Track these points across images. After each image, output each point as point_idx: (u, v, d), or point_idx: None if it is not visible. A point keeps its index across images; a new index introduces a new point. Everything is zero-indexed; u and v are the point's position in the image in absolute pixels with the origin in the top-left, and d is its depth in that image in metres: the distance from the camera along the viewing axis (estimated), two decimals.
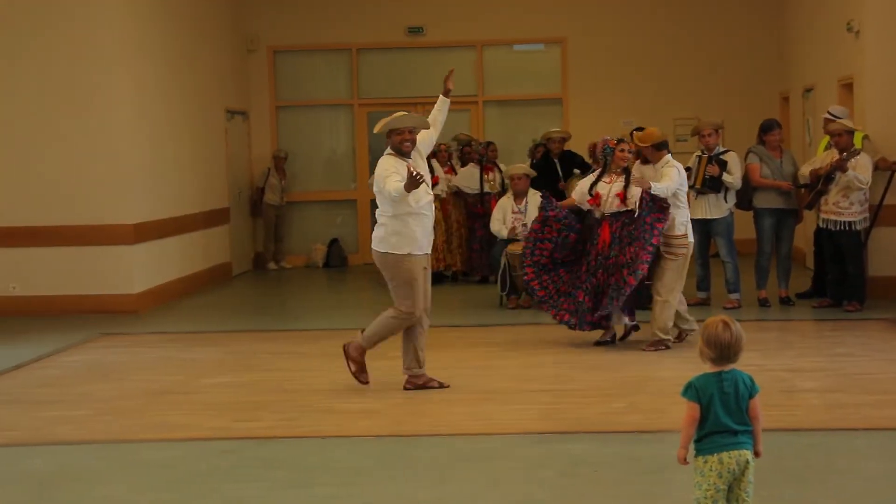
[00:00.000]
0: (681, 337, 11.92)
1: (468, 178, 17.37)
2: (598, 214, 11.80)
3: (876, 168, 13.81)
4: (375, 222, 10.28)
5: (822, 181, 13.70)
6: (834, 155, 13.68)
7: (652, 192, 11.34)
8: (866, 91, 14.91)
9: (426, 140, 10.41)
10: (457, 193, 17.43)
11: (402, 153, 10.02)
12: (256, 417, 9.42)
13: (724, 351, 5.64)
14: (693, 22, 20.31)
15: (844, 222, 13.68)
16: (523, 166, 15.53)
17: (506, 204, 15.16)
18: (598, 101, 20.27)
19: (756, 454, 5.71)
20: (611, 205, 11.71)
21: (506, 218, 15.02)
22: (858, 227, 13.74)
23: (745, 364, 5.83)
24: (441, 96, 10.53)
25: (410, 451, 8.39)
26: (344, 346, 10.32)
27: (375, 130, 10.19)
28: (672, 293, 11.50)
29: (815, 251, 14.80)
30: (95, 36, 15.08)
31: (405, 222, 10.01)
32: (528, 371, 11.03)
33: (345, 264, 20.69)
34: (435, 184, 17.05)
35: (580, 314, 11.77)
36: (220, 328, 14.24)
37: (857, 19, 15.12)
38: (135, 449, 8.72)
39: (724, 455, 5.63)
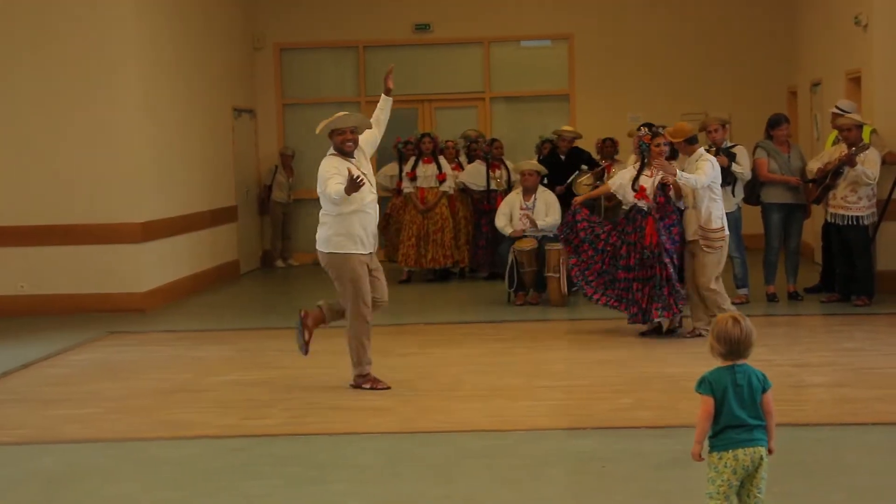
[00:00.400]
0: (694, 332, 11.96)
1: (474, 174, 17.38)
2: (645, 207, 11.99)
3: (884, 162, 13.81)
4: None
5: (831, 176, 13.70)
6: (842, 149, 13.68)
7: (679, 182, 11.56)
8: (874, 85, 14.90)
9: (370, 140, 10.42)
10: (464, 190, 17.45)
11: (345, 153, 10.06)
12: (266, 415, 9.44)
13: (734, 346, 5.66)
14: (700, 17, 20.29)
15: (852, 217, 13.69)
16: (534, 163, 15.52)
17: (514, 200, 15.15)
18: (605, 98, 20.26)
19: (769, 451, 5.72)
20: (655, 198, 11.98)
21: (513, 213, 15.02)
22: (866, 222, 13.74)
23: (754, 359, 5.84)
24: (383, 95, 10.62)
25: (419, 448, 8.41)
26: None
27: (317, 131, 10.23)
28: (716, 283, 11.65)
29: (823, 246, 14.79)
30: (104, 35, 15.10)
31: (350, 222, 10.05)
32: (537, 367, 11.04)
33: None
34: (442, 181, 17.17)
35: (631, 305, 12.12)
36: (228, 326, 14.26)
37: (865, 13, 15.11)
38: (144, 447, 8.74)
39: (740, 452, 5.65)
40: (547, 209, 14.87)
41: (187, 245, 16.90)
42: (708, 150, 13.52)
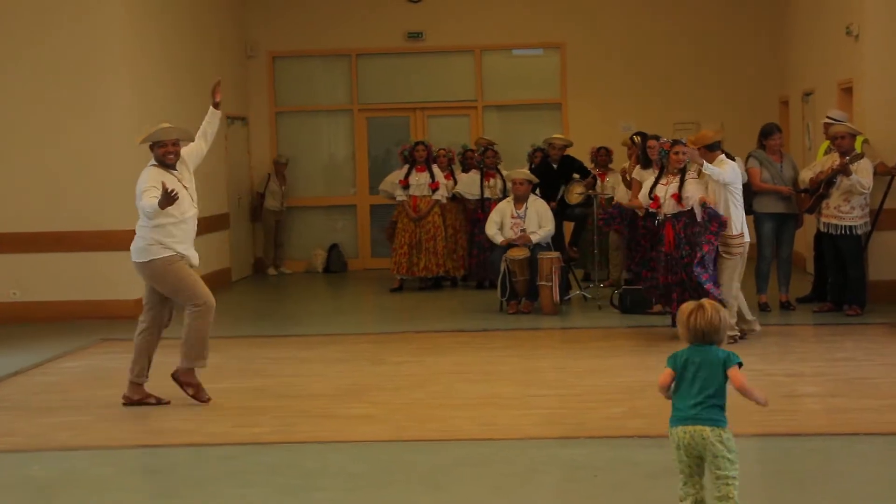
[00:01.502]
0: (743, 335, 12.02)
1: (469, 184, 17.37)
2: (660, 217, 12.13)
3: (875, 172, 13.83)
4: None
5: (824, 185, 13.70)
6: (834, 159, 13.68)
7: (705, 171, 11.67)
8: (866, 95, 14.91)
9: (195, 152, 10.39)
10: (456, 199, 17.44)
11: (167, 165, 9.98)
12: (257, 423, 9.41)
13: (695, 332, 5.88)
14: (692, 26, 20.32)
15: (845, 226, 13.69)
16: (525, 172, 15.53)
17: (505, 208, 15.14)
18: (597, 106, 20.29)
19: (760, 403, 6.02)
20: (669, 206, 12.09)
21: (504, 222, 15.01)
22: (859, 232, 13.74)
23: (746, 369, 5.88)
24: (211, 108, 10.57)
25: (410, 456, 8.39)
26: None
27: (138, 142, 10.13)
28: (730, 290, 11.59)
29: (816, 255, 14.81)
30: (95, 42, 15.09)
31: (167, 231, 9.90)
32: (529, 376, 11.04)
33: (345, 269, 20.69)
34: (435, 189, 17.17)
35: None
36: (219, 334, 14.13)
37: (857, 22, 15.13)
38: (136, 455, 8.75)
39: (679, 430, 5.90)
40: (539, 218, 14.88)
41: None
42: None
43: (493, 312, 15.00)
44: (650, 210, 12.29)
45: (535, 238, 14.73)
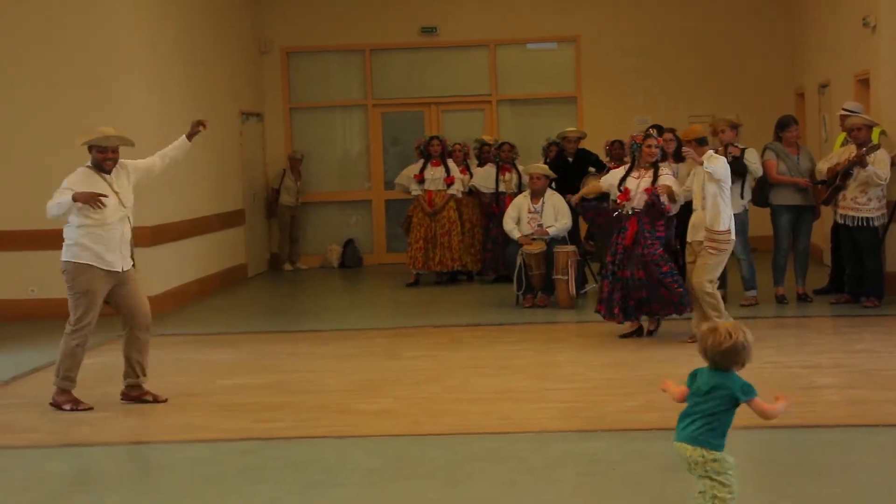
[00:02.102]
0: (693, 338, 11.95)
1: (485, 177, 17.40)
2: (626, 210, 12.01)
3: (893, 164, 13.81)
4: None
5: (841, 177, 13.70)
6: (851, 151, 13.68)
7: (706, 169, 11.45)
8: (883, 86, 14.90)
9: (144, 167, 10.31)
10: (472, 193, 17.46)
11: (103, 170, 9.95)
12: (275, 418, 9.43)
13: (709, 358, 5.89)
14: (706, 19, 20.31)
15: (862, 218, 13.69)
16: (543, 167, 15.50)
17: (522, 203, 15.14)
18: (612, 100, 20.29)
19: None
20: (639, 200, 11.99)
21: (521, 217, 15.02)
22: (876, 223, 13.73)
23: (764, 361, 5.93)
24: (183, 138, 10.49)
25: (427, 451, 8.40)
26: (51, 404, 9.97)
27: (79, 143, 10.03)
28: (712, 286, 11.53)
29: (833, 247, 14.81)
30: (110, 40, 15.13)
31: (91, 234, 9.83)
32: (545, 370, 11.05)
33: (360, 264, 20.72)
34: (450, 184, 17.18)
35: (607, 305, 12.12)
36: (236, 329, 14.28)
37: (874, 14, 15.10)
38: (155, 450, 8.81)
39: (677, 445, 6.02)
40: (556, 213, 14.88)
41: (195, 249, 16.93)
42: (717, 150, 13.56)
43: (509, 306, 15.01)
44: (617, 202, 12.23)
45: (551, 231, 14.74)
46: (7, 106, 15.24)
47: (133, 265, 10.12)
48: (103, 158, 9.94)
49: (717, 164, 11.50)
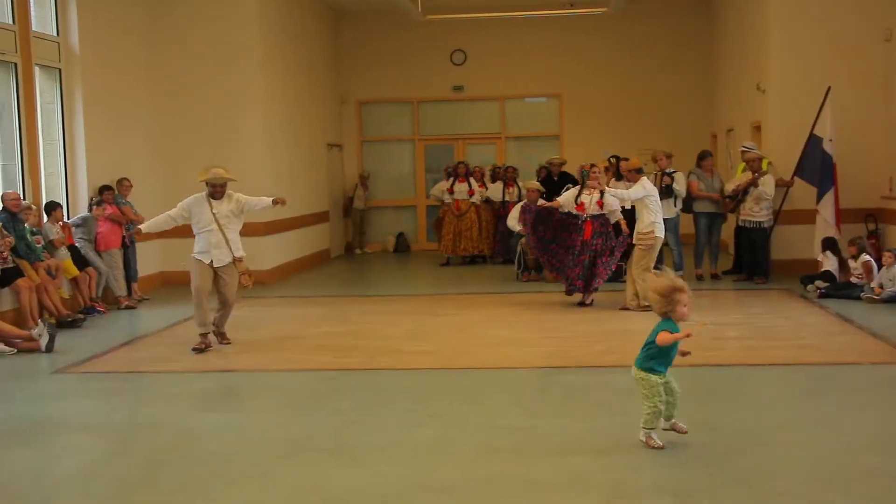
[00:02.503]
0: (625, 307, 11.91)
1: (495, 191, 17.50)
2: (583, 217, 11.95)
3: (777, 185, 13.81)
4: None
5: (741, 194, 13.73)
6: (749, 175, 13.70)
7: (611, 194, 11.69)
8: (770, 131, 14.87)
9: (246, 202, 10.07)
10: (487, 201, 17.53)
11: (214, 197, 9.91)
12: (349, 355, 9.46)
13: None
14: (654, 81, 20.25)
15: (756, 222, 13.70)
16: (536, 183, 15.47)
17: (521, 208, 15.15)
18: (585, 137, 20.23)
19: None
20: (593, 209, 11.90)
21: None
22: (766, 225, 13.75)
23: (686, 321, 5.93)
24: (269, 202, 10.19)
25: (455, 379, 8.43)
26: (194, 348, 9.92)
27: (198, 180, 9.86)
28: (645, 272, 11.46)
29: (735, 242, 14.80)
30: (237, 90, 15.22)
31: (197, 238, 9.92)
32: (537, 324, 11.06)
33: (408, 250, 20.76)
34: (471, 195, 17.23)
35: (570, 282, 12.06)
36: (322, 293, 14.34)
37: (764, 81, 15.08)
38: (268, 376, 8.82)
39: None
40: None
41: (295, 238, 16.99)
42: (657, 174, 13.58)
43: (511, 280, 15.04)
44: (574, 212, 12.08)
45: None
46: (174, 135, 15.33)
47: (234, 261, 10.00)
48: (213, 191, 9.90)
49: (640, 189, 11.47)
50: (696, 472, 5.56)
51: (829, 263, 12.87)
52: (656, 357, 6.07)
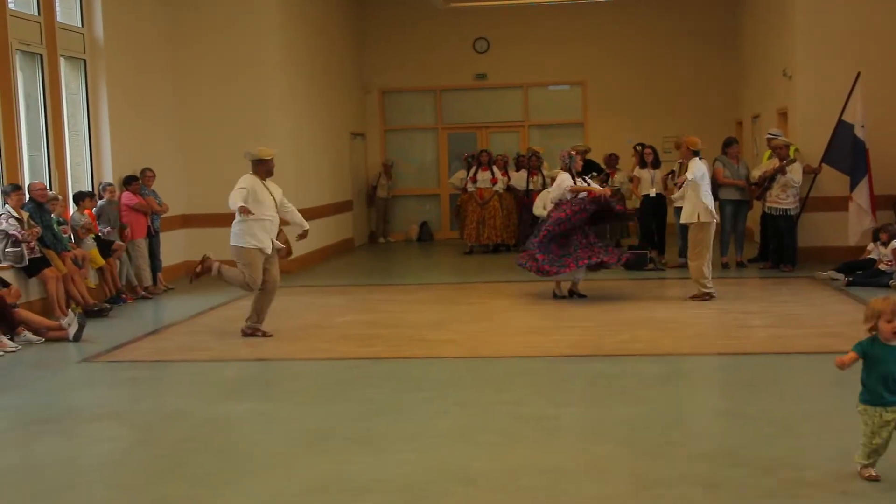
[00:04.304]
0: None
1: (519, 179, 17.48)
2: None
3: (803, 172, 13.72)
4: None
5: (768, 181, 13.65)
6: (775, 162, 13.62)
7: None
8: (797, 118, 14.76)
9: (280, 197, 9.94)
10: (511, 189, 17.51)
11: (269, 175, 9.78)
12: (373, 344, 9.48)
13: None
14: (678, 68, 20.14)
15: (783, 209, 13.62)
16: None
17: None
18: (608, 125, 20.17)
19: None
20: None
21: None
22: (792, 213, 13.67)
23: (713, 308, 5.89)
24: (305, 225, 10.15)
25: (481, 368, 8.43)
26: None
27: (265, 156, 9.68)
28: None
29: (761, 229, 14.72)
30: (260, 81, 15.23)
31: (252, 224, 9.65)
32: (560, 312, 11.03)
33: (431, 239, 20.75)
34: (494, 183, 17.23)
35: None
36: (346, 282, 14.37)
37: (791, 66, 14.97)
38: (293, 364, 8.86)
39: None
40: None
41: (319, 226, 16.99)
42: (681, 162, 13.47)
43: None
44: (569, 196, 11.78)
45: None
46: (197, 125, 15.37)
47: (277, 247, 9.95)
48: (270, 169, 9.78)
49: (696, 168, 11.26)
50: (721, 461, 5.54)
51: (877, 252, 12.57)
52: (864, 382, 5.17)
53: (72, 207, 12.34)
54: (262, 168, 9.80)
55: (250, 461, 5.86)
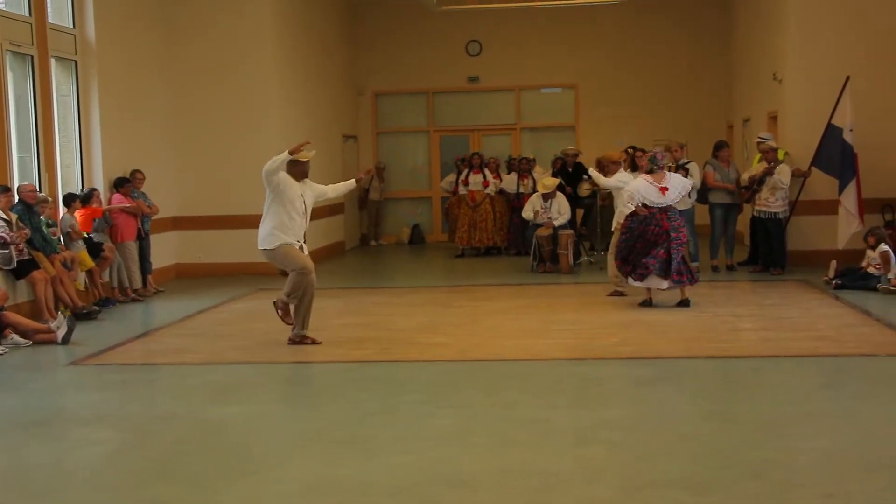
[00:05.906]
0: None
1: (510, 182, 17.49)
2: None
3: (793, 175, 13.76)
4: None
5: (757, 184, 13.67)
6: (765, 166, 13.65)
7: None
8: (787, 122, 14.80)
9: (319, 190, 9.81)
10: (501, 192, 17.52)
11: (299, 179, 9.53)
12: (365, 347, 9.46)
13: None
14: (669, 72, 20.19)
15: (772, 212, 13.65)
16: (555, 180, 15.30)
17: (535, 200, 15.17)
18: (600, 128, 20.19)
19: None
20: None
21: (535, 209, 15.08)
22: (781, 216, 13.70)
23: (703, 311, 5.88)
24: (353, 181, 10.01)
25: (472, 370, 8.42)
26: (274, 303, 9.69)
27: (304, 157, 9.34)
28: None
29: (751, 233, 14.74)
30: (252, 82, 15.25)
31: (284, 223, 9.53)
32: (552, 316, 11.02)
33: (423, 242, 20.74)
34: (486, 186, 17.27)
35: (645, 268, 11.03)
36: (338, 286, 14.34)
37: (781, 71, 15.01)
38: (283, 368, 8.84)
39: None
40: (559, 208, 14.95)
41: (310, 229, 16.79)
42: (671, 165, 13.49)
43: (527, 272, 15.00)
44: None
45: (556, 222, 14.77)
46: (189, 127, 15.36)
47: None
48: (305, 170, 9.55)
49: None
50: (711, 464, 5.54)
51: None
52: None
53: (61, 209, 12.31)
54: (297, 170, 9.50)
55: (241, 464, 5.85)
